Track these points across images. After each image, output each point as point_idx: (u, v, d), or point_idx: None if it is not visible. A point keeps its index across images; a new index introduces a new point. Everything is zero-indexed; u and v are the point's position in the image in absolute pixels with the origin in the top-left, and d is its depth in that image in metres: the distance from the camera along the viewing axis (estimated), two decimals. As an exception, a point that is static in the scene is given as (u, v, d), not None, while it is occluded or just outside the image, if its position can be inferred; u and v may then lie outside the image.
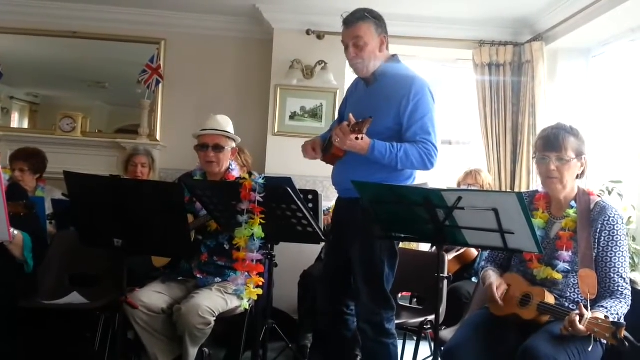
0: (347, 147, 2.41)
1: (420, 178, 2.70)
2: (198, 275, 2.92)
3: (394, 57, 2.65)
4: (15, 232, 2.72)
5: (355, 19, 2.56)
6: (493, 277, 2.40)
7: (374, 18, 2.58)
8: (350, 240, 2.58)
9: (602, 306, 2.14)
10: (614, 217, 2.26)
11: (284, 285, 3.79)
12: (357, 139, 2.34)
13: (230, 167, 3.07)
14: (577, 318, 2.00)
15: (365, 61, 2.57)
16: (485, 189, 3.89)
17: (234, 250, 2.59)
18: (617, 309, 2.14)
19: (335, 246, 2.73)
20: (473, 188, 3.85)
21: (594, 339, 2.01)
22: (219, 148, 2.99)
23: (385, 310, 2.55)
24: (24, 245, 2.78)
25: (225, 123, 3.08)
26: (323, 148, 2.68)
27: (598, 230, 2.25)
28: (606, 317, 2.04)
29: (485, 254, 2.77)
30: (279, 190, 2.40)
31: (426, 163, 2.49)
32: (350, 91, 2.85)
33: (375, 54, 2.58)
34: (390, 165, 2.47)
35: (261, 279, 2.65)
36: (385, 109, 2.51)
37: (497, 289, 2.30)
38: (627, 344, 1.93)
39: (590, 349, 2.02)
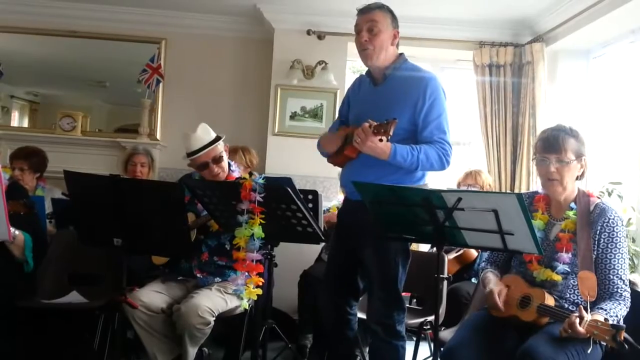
0: (366, 149, 2.35)
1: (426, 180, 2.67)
2: (198, 275, 2.92)
3: (401, 56, 2.61)
4: (17, 232, 2.72)
5: (372, 7, 2.55)
6: (492, 281, 2.39)
7: (389, 11, 2.57)
8: (361, 242, 2.54)
9: (601, 308, 2.13)
10: (613, 218, 2.26)
11: (284, 285, 3.78)
12: (380, 140, 2.29)
13: (231, 169, 3.06)
14: (577, 320, 2.01)
15: (376, 49, 2.51)
16: (485, 189, 3.89)
17: (234, 250, 2.59)
18: (616, 310, 2.14)
19: (339, 246, 2.70)
20: (473, 189, 3.85)
21: (594, 341, 2.01)
22: (217, 159, 2.95)
23: (397, 312, 2.53)
24: (24, 245, 2.78)
25: (207, 134, 2.96)
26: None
27: (598, 232, 2.25)
28: (606, 319, 2.04)
29: (485, 254, 2.77)
30: (279, 190, 2.40)
31: (444, 163, 2.46)
32: (352, 91, 2.77)
33: (386, 46, 2.53)
34: (410, 168, 2.43)
35: (261, 279, 2.65)
36: (400, 110, 2.44)
37: (498, 295, 2.29)
38: (626, 346, 1.93)
39: (589, 351, 2.02)
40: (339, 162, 2.63)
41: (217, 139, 2.97)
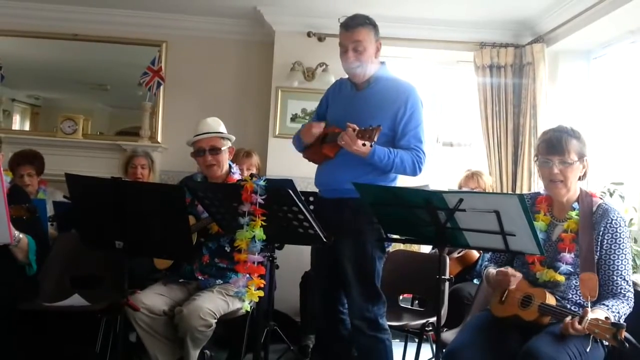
0: (350, 150, 2.47)
1: (419, 180, 2.74)
2: (199, 277, 2.93)
3: (383, 64, 2.73)
4: (21, 235, 2.72)
5: (356, 23, 2.62)
6: (496, 268, 2.40)
7: (372, 25, 2.66)
8: (337, 240, 2.59)
9: (604, 304, 2.15)
10: (616, 219, 2.26)
11: (286, 287, 3.79)
12: (364, 145, 2.41)
13: (232, 170, 3.07)
14: (577, 319, 2.01)
15: (363, 65, 2.64)
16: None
17: (236, 252, 2.60)
18: (619, 307, 2.15)
19: (323, 246, 2.74)
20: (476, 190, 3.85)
21: (595, 340, 2.01)
22: (215, 150, 2.99)
23: (378, 306, 2.61)
24: (28, 249, 2.78)
25: (217, 124, 3.07)
26: (307, 146, 2.72)
27: (601, 232, 2.25)
28: (607, 318, 2.04)
29: (488, 255, 2.77)
30: (280, 192, 2.40)
31: (416, 169, 2.61)
32: (331, 92, 2.88)
33: (372, 60, 2.66)
34: (385, 169, 2.56)
35: (262, 281, 2.65)
36: (381, 116, 2.58)
37: (509, 271, 2.30)
38: (627, 345, 1.93)
39: (589, 350, 2.02)
40: (316, 160, 2.73)
41: (225, 135, 3.04)
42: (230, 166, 3.08)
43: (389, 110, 2.61)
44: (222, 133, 3.05)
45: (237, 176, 3.06)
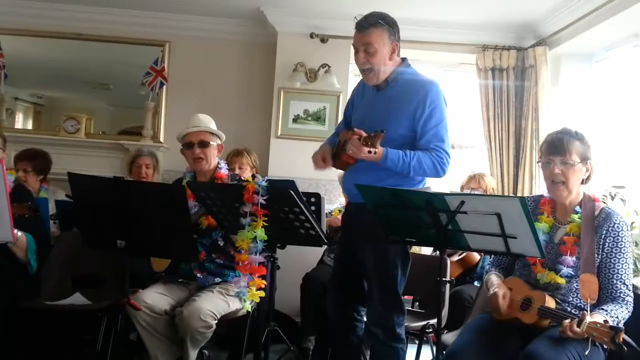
0: (359, 158, 2.39)
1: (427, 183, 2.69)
2: (198, 275, 2.92)
3: (404, 61, 2.60)
4: (19, 233, 2.73)
5: (368, 24, 2.49)
6: (495, 283, 2.40)
7: (388, 24, 2.51)
8: (361, 244, 2.56)
9: (603, 309, 2.15)
10: (619, 223, 2.26)
11: (286, 288, 3.78)
12: (369, 152, 2.32)
13: (219, 166, 3.08)
14: (575, 322, 2.01)
15: (374, 68, 2.51)
16: (488, 193, 3.89)
17: (237, 252, 2.60)
18: (617, 312, 2.15)
19: (345, 250, 2.71)
20: (476, 192, 3.85)
21: (594, 343, 2.01)
22: (204, 144, 3.00)
23: (397, 314, 2.53)
24: (27, 247, 2.79)
25: (208, 120, 3.09)
26: (332, 154, 2.65)
27: (603, 236, 2.25)
28: (605, 321, 2.04)
29: (488, 257, 2.77)
30: (282, 193, 2.41)
31: (438, 170, 2.46)
32: (356, 93, 2.78)
33: (385, 62, 2.51)
34: (403, 173, 2.44)
35: (263, 282, 2.65)
36: (399, 116, 2.47)
37: (502, 297, 2.30)
38: (625, 348, 1.94)
39: (587, 353, 2.02)
40: (340, 167, 2.66)
41: (215, 132, 3.05)
42: (218, 162, 3.09)
43: (407, 110, 2.47)
44: (211, 129, 3.06)
45: (224, 171, 3.07)
